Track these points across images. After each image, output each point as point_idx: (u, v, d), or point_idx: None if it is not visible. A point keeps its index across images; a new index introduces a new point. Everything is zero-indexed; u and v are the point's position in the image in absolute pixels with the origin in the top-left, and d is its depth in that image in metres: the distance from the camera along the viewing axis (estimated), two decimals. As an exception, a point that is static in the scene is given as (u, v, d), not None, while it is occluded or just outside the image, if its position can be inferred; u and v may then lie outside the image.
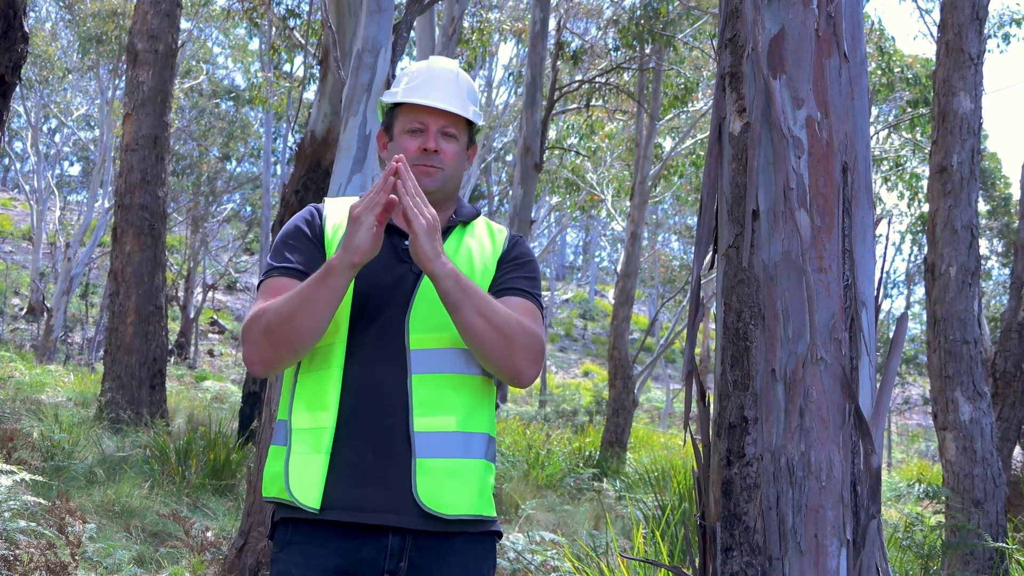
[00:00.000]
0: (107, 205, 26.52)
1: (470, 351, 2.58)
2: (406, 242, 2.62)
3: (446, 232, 2.72)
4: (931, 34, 20.10)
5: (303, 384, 2.60)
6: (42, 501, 5.94)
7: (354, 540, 2.50)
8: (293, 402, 2.60)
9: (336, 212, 2.75)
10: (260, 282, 2.69)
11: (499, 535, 2.70)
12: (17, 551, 5.23)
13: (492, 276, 2.70)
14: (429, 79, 2.72)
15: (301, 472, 2.52)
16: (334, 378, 2.55)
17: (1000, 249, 27.99)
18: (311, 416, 2.55)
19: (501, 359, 2.55)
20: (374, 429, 2.51)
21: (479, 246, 2.74)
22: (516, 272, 2.73)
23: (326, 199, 2.86)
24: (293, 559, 2.53)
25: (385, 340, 2.57)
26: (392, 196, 2.43)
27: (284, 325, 2.49)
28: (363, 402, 2.53)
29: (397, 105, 2.74)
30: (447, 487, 2.52)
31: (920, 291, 34.99)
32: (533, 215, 16.09)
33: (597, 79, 18.12)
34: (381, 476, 2.50)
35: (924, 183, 20.57)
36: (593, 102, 19.23)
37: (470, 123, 2.76)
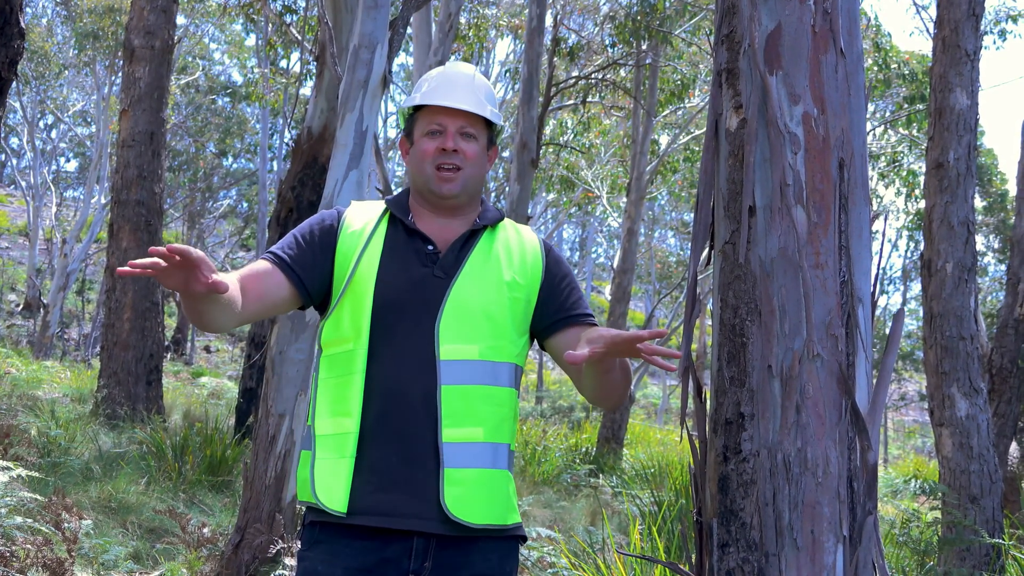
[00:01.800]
0: (103, 201, 26.48)
1: (497, 364, 2.63)
2: (429, 246, 2.68)
3: (473, 236, 2.73)
4: (927, 30, 20.11)
5: (325, 389, 2.62)
6: (38, 497, 5.94)
7: (380, 540, 2.53)
8: (316, 407, 2.62)
9: (358, 220, 2.75)
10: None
11: (523, 539, 2.73)
12: (14, 547, 5.22)
13: (524, 291, 2.71)
14: (446, 82, 2.75)
15: (327, 477, 2.55)
16: (356, 383, 2.57)
17: (996, 245, 28.04)
18: (334, 421, 2.58)
19: (621, 398, 2.70)
20: (400, 436, 2.54)
21: (507, 254, 2.74)
22: (574, 295, 2.78)
23: (353, 201, 2.88)
24: (319, 557, 2.56)
25: (412, 347, 2.58)
26: (151, 264, 2.20)
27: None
28: (389, 409, 2.55)
29: (417, 110, 2.77)
30: (474, 497, 2.56)
31: (917, 287, 35.02)
32: (529, 211, 16.09)
33: (594, 75, 18.11)
34: (407, 482, 2.53)
35: (921, 179, 20.58)
36: (589, 98, 19.23)
37: (489, 124, 2.78)
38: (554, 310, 2.74)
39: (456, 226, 2.74)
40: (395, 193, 2.87)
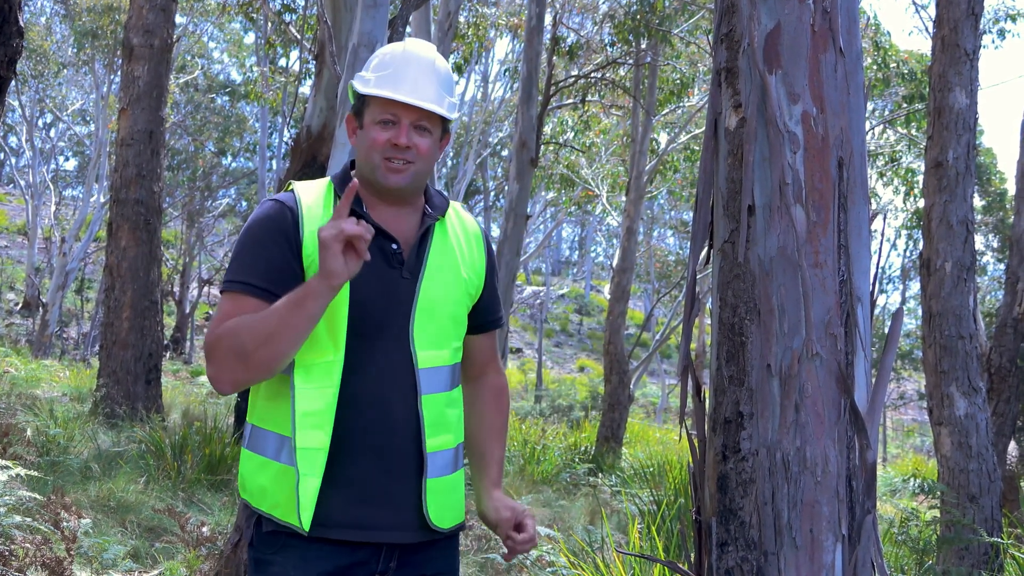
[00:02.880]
0: (102, 200, 26.47)
1: (455, 367, 2.68)
2: (394, 245, 2.57)
3: (426, 234, 2.62)
4: (927, 29, 20.10)
5: (304, 399, 2.46)
6: (37, 496, 5.93)
7: (350, 546, 2.52)
8: (295, 418, 2.46)
9: (313, 212, 2.55)
10: (223, 290, 2.52)
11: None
12: (12, 546, 5.22)
13: (476, 288, 2.71)
14: (404, 67, 2.55)
15: (308, 496, 2.45)
16: (331, 396, 2.46)
17: (995, 244, 28.01)
18: (312, 435, 2.45)
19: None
20: (380, 448, 2.50)
21: (459, 249, 2.69)
22: (494, 297, 2.80)
23: (294, 183, 2.64)
24: (291, 562, 2.49)
25: (390, 357, 2.52)
26: (354, 228, 2.27)
27: (260, 348, 2.36)
28: (368, 421, 2.49)
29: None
30: (448, 502, 2.61)
31: (916, 286, 35.02)
32: (529, 210, 16.09)
33: (593, 74, 18.11)
34: (388, 495, 2.51)
35: (920, 178, 20.57)
36: (589, 97, 19.23)
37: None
38: (483, 311, 2.76)
39: (407, 215, 2.62)
40: (338, 174, 2.65)
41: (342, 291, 2.44)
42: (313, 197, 2.59)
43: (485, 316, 2.76)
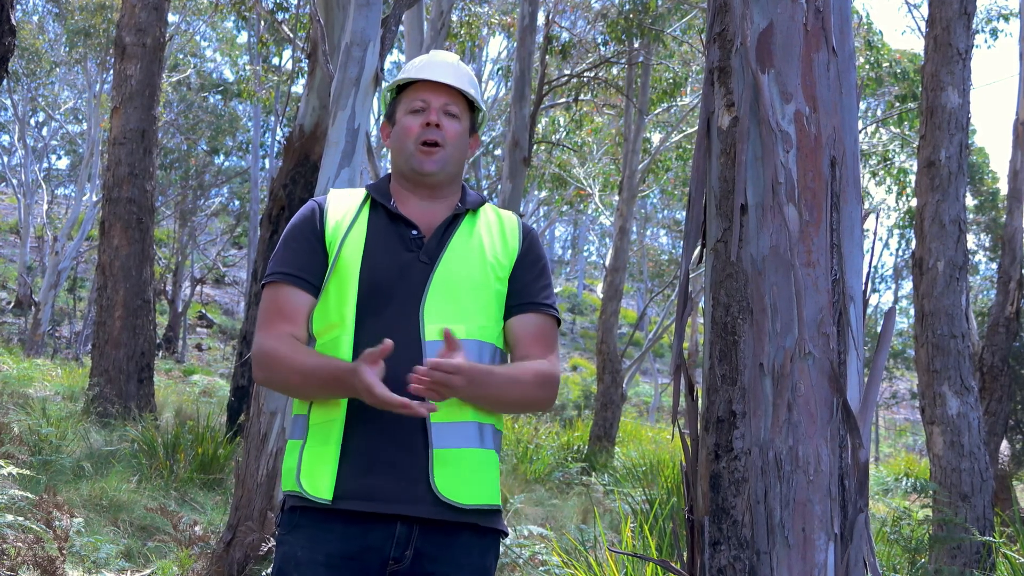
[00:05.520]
0: (95, 199, 26.42)
1: (483, 344, 2.66)
2: (413, 231, 2.69)
3: (454, 220, 2.74)
4: (919, 29, 20.13)
5: None
6: (29, 495, 5.93)
7: (362, 526, 2.54)
8: None
9: (339, 207, 2.75)
10: (264, 283, 2.73)
11: (504, 534, 2.74)
12: (5, 545, 5.21)
13: (506, 271, 2.74)
14: (430, 63, 2.79)
15: (312, 465, 2.57)
16: None
17: (987, 244, 28.04)
18: (323, 410, 2.59)
19: (521, 412, 2.87)
20: (387, 419, 2.52)
21: (489, 236, 2.76)
22: (535, 281, 2.79)
23: (331, 189, 2.91)
24: (299, 542, 2.57)
25: (397, 331, 2.57)
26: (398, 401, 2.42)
27: (284, 389, 2.73)
28: None
29: (399, 93, 2.80)
30: (463, 477, 2.58)
31: (908, 285, 35.06)
32: (521, 209, 16.08)
33: (586, 73, 18.11)
34: (395, 465, 2.54)
35: (912, 178, 20.60)
36: (581, 96, 19.23)
37: (472, 108, 2.81)
38: (518, 291, 2.76)
39: (438, 210, 2.76)
40: (373, 182, 2.89)
41: (351, 272, 2.63)
42: (344, 196, 2.80)
43: (516, 299, 2.75)
